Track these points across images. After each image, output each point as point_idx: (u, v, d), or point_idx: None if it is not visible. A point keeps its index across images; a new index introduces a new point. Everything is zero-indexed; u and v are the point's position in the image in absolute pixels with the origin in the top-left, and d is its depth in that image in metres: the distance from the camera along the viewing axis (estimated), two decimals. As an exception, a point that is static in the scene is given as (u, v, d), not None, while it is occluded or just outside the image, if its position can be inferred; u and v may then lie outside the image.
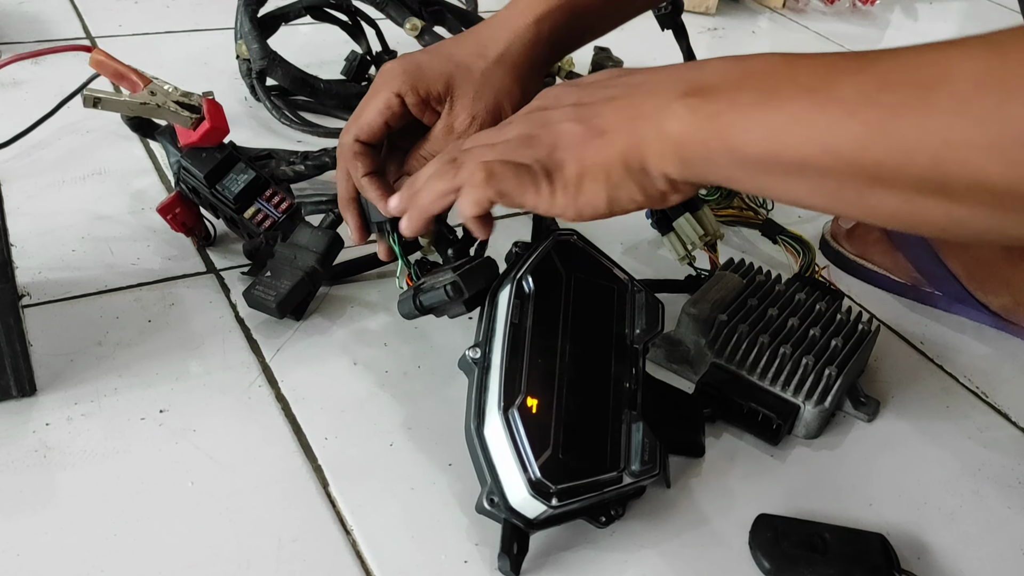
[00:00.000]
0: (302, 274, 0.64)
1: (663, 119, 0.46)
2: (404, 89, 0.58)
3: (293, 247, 0.65)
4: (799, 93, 0.42)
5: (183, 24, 1.09)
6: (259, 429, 0.57)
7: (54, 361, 0.59)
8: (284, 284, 0.63)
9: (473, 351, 0.53)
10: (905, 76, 0.39)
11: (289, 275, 0.64)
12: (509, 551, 0.49)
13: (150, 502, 0.51)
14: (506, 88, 0.58)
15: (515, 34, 0.59)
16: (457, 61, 0.58)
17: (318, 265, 0.64)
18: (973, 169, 0.37)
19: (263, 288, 0.63)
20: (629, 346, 0.56)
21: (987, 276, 0.74)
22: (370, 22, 0.98)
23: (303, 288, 0.64)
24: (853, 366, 0.63)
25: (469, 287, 0.55)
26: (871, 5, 1.50)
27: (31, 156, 0.80)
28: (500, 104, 0.58)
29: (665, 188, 0.48)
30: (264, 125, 0.90)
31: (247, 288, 0.64)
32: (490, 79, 0.58)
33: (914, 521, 0.57)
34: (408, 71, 0.58)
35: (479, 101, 0.58)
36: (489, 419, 0.50)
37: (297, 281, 0.63)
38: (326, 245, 0.65)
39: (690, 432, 0.59)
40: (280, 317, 0.64)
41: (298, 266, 0.64)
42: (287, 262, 0.65)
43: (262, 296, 0.63)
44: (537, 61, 0.60)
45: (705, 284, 0.68)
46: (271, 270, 0.64)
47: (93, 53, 0.64)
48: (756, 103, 0.44)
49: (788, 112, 0.42)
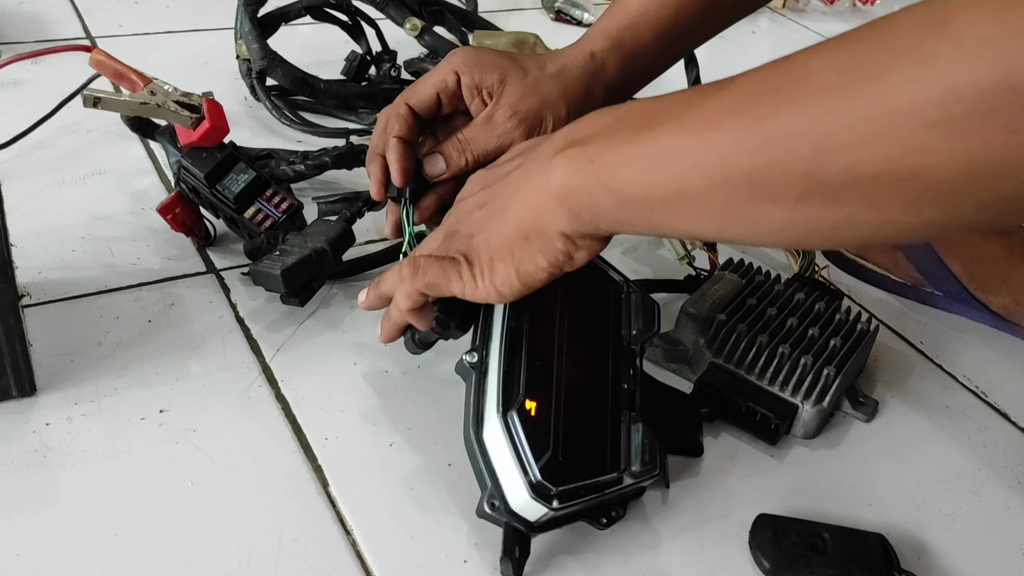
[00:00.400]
0: (310, 251, 0.63)
1: (545, 176, 0.48)
2: (463, 69, 0.61)
3: (305, 235, 0.65)
4: (666, 123, 0.43)
5: (183, 24, 1.09)
6: (259, 429, 0.57)
7: (54, 361, 0.59)
8: (291, 258, 0.63)
9: (470, 356, 0.53)
10: (766, 84, 0.40)
11: (297, 253, 0.63)
12: (511, 555, 0.49)
13: (150, 502, 0.51)
14: (553, 101, 0.61)
15: (572, 60, 0.62)
16: (517, 63, 0.61)
17: (327, 247, 0.63)
18: (846, 158, 0.36)
19: (269, 261, 0.63)
20: (626, 347, 0.56)
21: (987, 275, 0.74)
22: (370, 22, 0.98)
23: (309, 265, 0.63)
24: (852, 366, 0.63)
25: (452, 315, 0.55)
26: (871, 5, 1.50)
27: (31, 156, 0.80)
28: (543, 113, 0.60)
29: (565, 247, 0.49)
30: (264, 125, 0.90)
31: (252, 264, 0.63)
32: (540, 87, 0.61)
33: (914, 521, 0.57)
34: (471, 56, 0.62)
35: (524, 101, 0.60)
36: (488, 423, 0.50)
37: (304, 256, 0.62)
38: (338, 232, 0.65)
39: (689, 432, 0.59)
40: (284, 289, 0.62)
41: (307, 246, 0.64)
42: (297, 245, 0.64)
43: (267, 268, 0.62)
44: (590, 92, 0.62)
45: (704, 284, 0.68)
46: (280, 251, 0.64)
47: (93, 53, 0.64)
48: (628, 141, 0.44)
49: (658, 143, 0.43)
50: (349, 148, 0.77)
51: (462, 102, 0.63)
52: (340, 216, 0.68)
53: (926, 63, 0.34)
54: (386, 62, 0.96)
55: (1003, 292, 0.74)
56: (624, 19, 0.63)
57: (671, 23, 0.63)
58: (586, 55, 0.62)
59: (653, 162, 0.43)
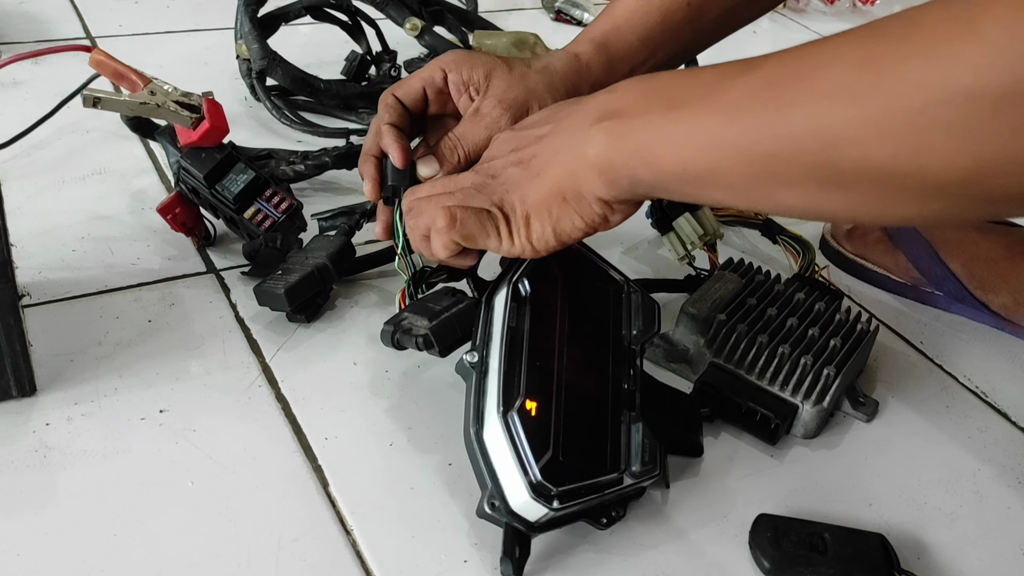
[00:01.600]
0: (311, 268, 0.63)
1: (583, 146, 0.50)
2: (451, 67, 0.62)
3: (306, 252, 0.66)
4: (695, 103, 0.45)
5: (183, 24, 1.09)
6: (259, 429, 0.57)
7: (54, 361, 0.59)
8: (293, 276, 0.63)
9: (470, 355, 0.53)
10: (788, 71, 0.42)
11: (299, 270, 0.64)
12: (511, 555, 0.49)
13: (150, 502, 0.51)
14: (538, 92, 0.61)
15: (557, 59, 0.64)
16: (504, 61, 0.63)
17: (329, 262, 0.64)
18: (857, 151, 0.38)
19: (273, 281, 0.63)
20: (626, 347, 0.56)
21: (987, 274, 0.74)
22: (370, 22, 0.98)
23: (312, 282, 0.63)
24: (852, 366, 0.63)
25: (440, 342, 0.55)
26: (871, 5, 1.50)
27: (31, 156, 0.80)
28: (529, 102, 0.61)
29: (602, 211, 0.51)
30: (264, 125, 0.90)
31: (257, 285, 0.64)
32: (526, 79, 0.62)
33: (914, 521, 0.57)
34: (459, 56, 0.63)
35: (510, 91, 0.61)
36: (488, 423, 0.50)
37: (306, 273, 0.63)
38: (338, 247, 0.66)
39: (689, 432, 0.59)
40: (289, 309, 0.63)
41: (309, 263, 0.64)
42: (299, 263, 0.65)
43: (272, 287, 0.63)
44: (576, 87, 0.63)
45: (704, 284, 0.68)
46: (282, 270, 0.65)
47: (93, 53, 0.64)
48: (662, 116, 0.47)
49: (687, 122, 0.46)
50: (349, 148, 0.77)
51: (450, 102, 0.63)
52: (339, 230, 0.68)
53: (941, 64, 0.35)
54: (386, 62, 0.96)
55: (1003, 291, 0.74)
56: (609, 24, 0.64)
57: (657, 28, 0.64)
58: (571, 56, 0.63)
59: (684, 141, 0.46)
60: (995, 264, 0.74)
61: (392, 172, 0.61)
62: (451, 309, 0.57)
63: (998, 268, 0.74)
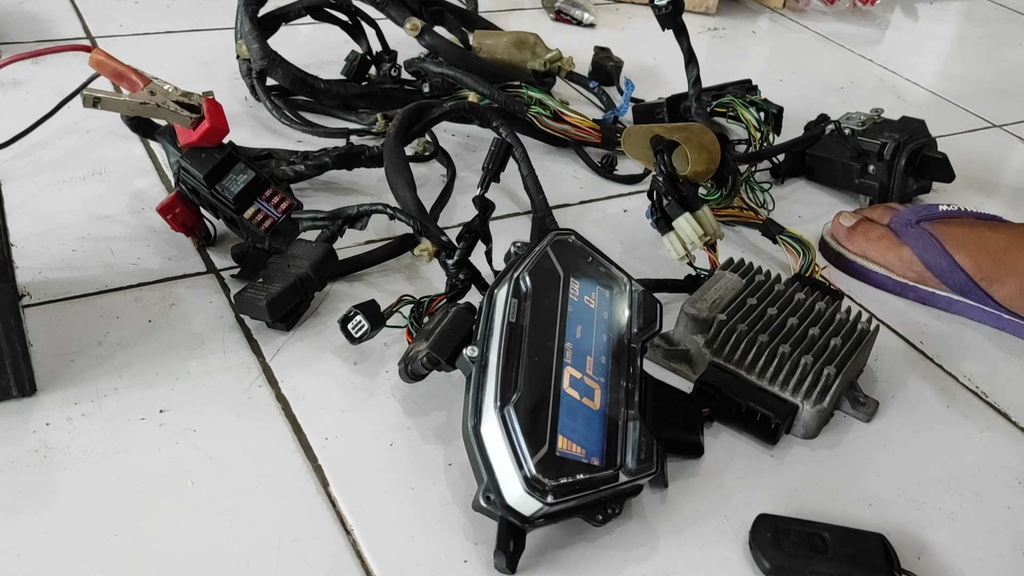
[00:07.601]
0: (294, 279, 0.63)
1: None
2: None
3: (287, 258, 0.65)
4: None
5: (183, 24, 1.09)
6: (259, 429, 0.57)
7: (54, 361, 0.59)
8: (275, 287, 0.63)
9: (471, 350, 0.53)
10: None
11: (281, 280, 0.63)
12: (505, 548, 0.49)
13: (150, 502, 0.51)
14: None
15: None
16: None
17: (311, 272, 0.64)
18: None
19: (254, 291, 0.63)
20: (627, 345, 0.56)
21: (994, 265, 0.74)
22: (370, 22, 0.99)
23: (294, 293, 0.63)
24: (852, 366, 0.63)
25: (442, 354, 0.55)
26: (871, 5, 1.50)
27: (31, 156, 0.80)
28: None
29: None
30: (264, 125, 0.90)
31: (238, 292, 0.64)
32: None
33: (914, 521, 0.57)
34: None
35: None
36: (486, 417, 0.50)
37: (288, 284, 0.63)
38: (320, 256, 0.65)
39: (689, 432, 0.59)
40: (270, 319, 0.63)
41: (291, 273, 0.64)
42: (280, 270, 0.64)
43: (253, 297, 0.62)
44: None
45: (705, 284, 0.68)
46: (263, 278, 0.64)
47: (93, 53, 0.64)
48: None
49: None
50: (349, 148, 0.77)
51: None
52: (320, 236, 0.68)
53: None
54: (386, 62, 0.96)
55: (1010, 281, 0.74)
56: None
57: None
58: None
59: None
60: (1002, 255, 0.74)
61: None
62: (443, 321, 0.57)
63: (1005, 258, 0.74)
